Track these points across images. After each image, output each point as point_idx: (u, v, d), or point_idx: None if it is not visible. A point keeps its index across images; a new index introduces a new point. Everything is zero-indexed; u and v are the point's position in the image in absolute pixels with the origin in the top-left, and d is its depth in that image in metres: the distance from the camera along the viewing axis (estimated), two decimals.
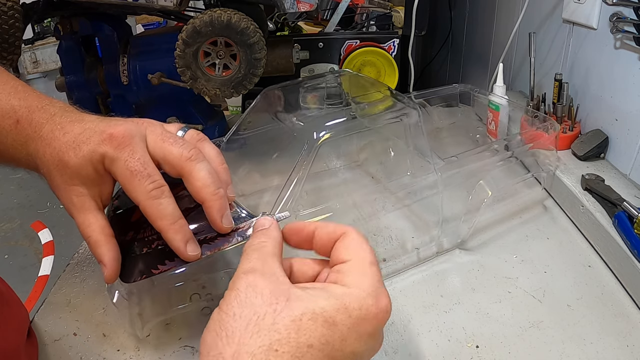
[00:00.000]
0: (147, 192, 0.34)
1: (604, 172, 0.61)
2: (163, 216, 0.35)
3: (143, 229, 0.39)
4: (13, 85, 0.38)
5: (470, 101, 0.75)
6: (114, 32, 0.76)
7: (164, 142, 0.37)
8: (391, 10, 1.37)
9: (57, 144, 0.35)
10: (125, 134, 0.35)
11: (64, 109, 0.38)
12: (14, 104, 0.37)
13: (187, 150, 0.36)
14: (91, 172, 0.35)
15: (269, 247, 0.32)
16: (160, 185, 0.35)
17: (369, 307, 0.28)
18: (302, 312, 0.27)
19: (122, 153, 0.34)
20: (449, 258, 0.54)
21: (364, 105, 0.53)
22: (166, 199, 0.35)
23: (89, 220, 0.36)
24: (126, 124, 0.36)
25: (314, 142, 0.44)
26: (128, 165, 0.34)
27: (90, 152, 0.35)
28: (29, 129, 0.36)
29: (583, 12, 0.68)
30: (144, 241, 0.38)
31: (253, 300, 0.27)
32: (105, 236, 0.36)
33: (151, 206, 0.34)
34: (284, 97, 0.58)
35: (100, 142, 0.35)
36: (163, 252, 0.37)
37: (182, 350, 0.43)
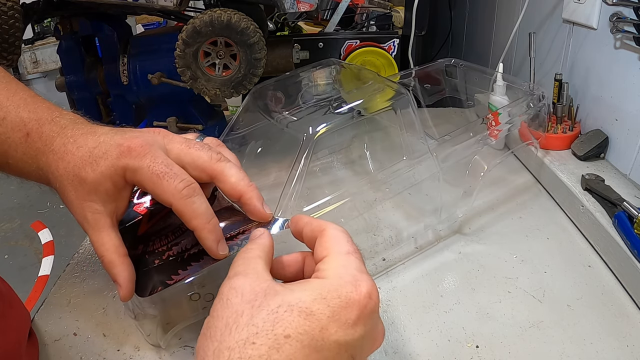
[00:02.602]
0: (178, 192, 0.34)
1: (604, 172, 0.61)
2: (197, 215, 0.35)
3: (152, 241, 0.40)
4: (22, 97, 0.37)
5: (456, 75, 0.75)
6: (114, 32, 0.76)
7: (190, 149, 0.37)
8: (391, 10, 1.37)
9: (72, 158, 0.35)
10: (144, 144, 0.35)
11: (74, 120, 0.38)
12: (24, 117, 0.36)
13: (215, 152, 0.37)
14: (110, 187, 0.35)
15: (255, 252, 0.32)
16: (190, 183, 0.35)
17: (348, 294, 0.28)
18: (279, 304, 0.27)
19: (144, 161, 0.34)
20: (449, 255, 0.54)
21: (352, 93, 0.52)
22: (198, 197, 0.35)
23: (102, 239, 0.36)
24: (142, 135, 0.36)
25: (311, 136, 0.44)
26: (153, 170, 0.34)
27: (109, 167, 0.34)
28: (39, 142, 0.36)
29: (583, 12, 0.68)
30: (155, 253, 0.38)
31: (233, 300, 0.28)
32: (120, 256, 0.36)
33: (185, 205, 0.34)
34: (276, 93, 0.58)
35: (118, 155, 0.34)
36: (175, 262, 0.37)
37: (182, 350, 0.43)
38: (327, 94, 0.57)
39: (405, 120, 0.50)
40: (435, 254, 0.54)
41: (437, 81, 0.77)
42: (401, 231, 0.55)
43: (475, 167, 0.53)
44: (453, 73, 0.75)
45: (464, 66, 0.73)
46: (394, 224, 0.57)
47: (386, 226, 0.57)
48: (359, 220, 0.55)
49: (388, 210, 0.55)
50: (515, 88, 0.68)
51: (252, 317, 0.26)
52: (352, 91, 0.53)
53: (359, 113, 0.48)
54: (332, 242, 0.32)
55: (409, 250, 0.54)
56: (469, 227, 0.58)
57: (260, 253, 0.32)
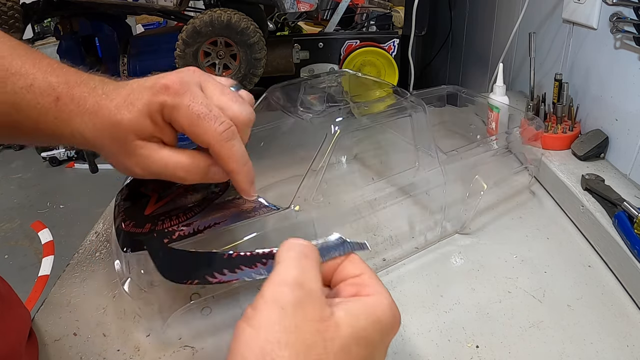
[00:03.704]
0: (219, 134, 0.33)
1: (604, 172, 0.61)
2: (235, 158, 0.35)
3: (160, 221, 0.40)
4: (48, 63, 0.37)
5: (458, 102, 0.75)
6: (114, 32, 0.76)
7: (223, 95, 0.36)
8: (391, 10, 1.37)
9: (106, 111, 0.34)
10: (182, 81, 0.34)
11: (103, 81, 0.37)
12: (52, 81, 0.35)
13: (247, 109, 0.36)
14: (149, 125, 0.34)
15: (313, 259, 0.30)
16: (230, 126, 0.34)
17: (393, 317, 0.29)
18: (350, 336, 0.26)
19: (183, 99, 0.33)
20: (449, 255, 0.54)
21: (364, 104, 0.53)
22: (237, 141, 0.35)
23: (167, 155, 0.35)
24: (178, 73, 0.35)
25: (333, 134, 0.45)
26: (193, 110, 0.33)
27: (145, 104, 0.33)
28: (71, 104, 0.35)
29: (583, 12, 0.68)
30: (164, 232, 0.39)
31: (302, 326, 0.26)
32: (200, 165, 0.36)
33: (223, 148, 0.34)
34: (287, 95, 0.59)
35: (155, 92, 0.33)
36: (212, 257, 0.34)
37: (182, 350, 0.43)
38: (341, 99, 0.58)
39: (418, 130, 0.51)
40: (435, 254, 0.54)
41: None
42: (402, 231, 0.55)
43: (475, 187, 0.55)
44: (454, 100, 0.76)
45: (465, 93, 0.74)
46: (394, 224, 0.57)
47: (386, 226, 0.57)
48: (360, 221, 0.55)
49: (389, 209, 0.55)
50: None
51: (326, 352, 0.26)
52: (362, 102, 0.54)
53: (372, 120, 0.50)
54: (362, 262, 0.33)
55: (409, 250, 0.54)
56: (469, 227, 0.58)
57: (316, 261, 0.31)
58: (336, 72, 0.66)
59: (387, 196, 0.51)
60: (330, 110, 0.54)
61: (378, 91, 0.56)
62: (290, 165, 0.56)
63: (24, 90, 0.34)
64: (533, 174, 0.66)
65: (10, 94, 0.34)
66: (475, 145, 0.56)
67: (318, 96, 0.59)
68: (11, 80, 0.34)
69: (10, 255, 2.20)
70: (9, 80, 0.34)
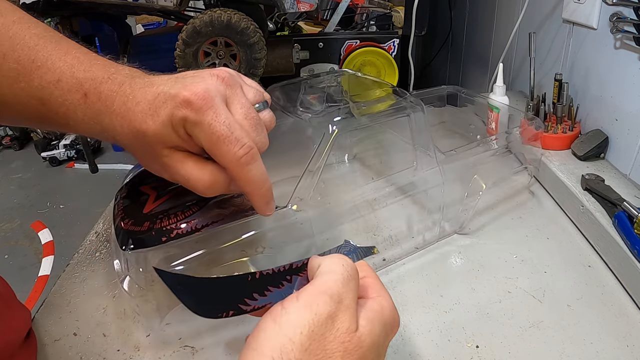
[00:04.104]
0: (237, 159, 0.33)
1: (604, 172, 0.61)
2: (252, 182, 0.34)
3: (159, 219, 0.40)
4: (75, 55, 0.35)
5: (458, 102, 0.75)
6: (114, 32, 0.76)
7: (247, 120, 0.34)
8: (391, 10, 1.37)
9: (132, 115, 0.33)
10: (206, 96, 0.32)
11: (131, 75, 0.35)
12: (79, 77, 0.34)
13: (264, 139, 0.36)
14: (174, 137, 0.33)
15: (357, 282, 0.31)
16: (249, 150, 0.33)
17: (395, 318, 0.31)
18: (368, 347, 0.28)
19: (205, 116, 0.32)
20: (449, 255, 0.54)
21: (363, 103, 0.53)
22: (255, 164, 0.34)
23: (191, 171, 0.34)
24: (204, 82, 0.33)
25: (331, 134, 0.45)
26: (214, 130, 0.32)
27: (168, 116, 0.33)
28: (98, 103, 0.34)
29: (583, 12, 0.68)
30: (163, 231, 0.39)
31: (328, 335, 0.27)
32: (220, 178, 0.35)
33: (241, 173, 0.34)
34: (287, 95, 0.59)
35: (178, 105, 0.32)
36: (236, 282, 0.32)
37: (182, 350, 0.43)
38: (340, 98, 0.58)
39: (417, 130, 0.51)
40: (435, 254, 0.54)
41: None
42: (401, 231, 0.55)
43: (474, 187, 0.55)
44: (454, 100, 0.76)
45: (465, 93, 0.74)
46: (394, 224, 0.57)
47: (386, 226, 0.57)
48: (358, 220, 0.55)
49: (388, 209, 0.56)
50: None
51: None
52: (361, 102, 0.54)
53: (371, 119, 0.50)
54: (364, 263, 0.34)
55: (409, 250, 0.54)
56: (469, 227, 0.58)
57: (356, 277, 0.32)
58: (336, 72, 0.66)
59: (386, 196, 0.51)
60: (329, 110, 0.54)
61: (377, 91, 0.56)
62: (289, 165, 0.56)
63: (51, 86, 0.34)
64: (533, 174, 0.66)
65: (38, 89, 0.34)
66: (474, 145, 0.56)
67: (317, 96, 0.59)
68: (37, 74, 0.34)
69: (10, 255, 2.20)
70: (35, 74, 0.34)
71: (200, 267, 0.40)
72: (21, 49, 0.33)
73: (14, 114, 0.36)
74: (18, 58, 0.33)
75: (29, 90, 0.34)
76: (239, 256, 0.42)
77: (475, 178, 0.55)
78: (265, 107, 0.38)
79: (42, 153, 3.15)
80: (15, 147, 3.43)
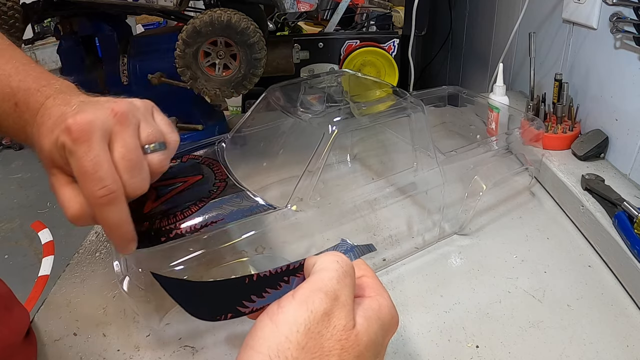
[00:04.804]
0: (95, 198, 0.33)
1: (604, 172, 0.61)
2: (108, 224, 0.34)
3: (158, 219, 0.40)
4: (14, 65, 0.37)
5: (458, 102, 0.76)
6: (114, 32, 0.76)
7: (124, 160, 0.34)
8: (391, 10, 1.37)
9: (40, 130, 0.34)
10: (85, 128, 0.32)
11: (60, 90, 0.36)
12: (13, 86, 0.36)
13: (139, 184, 0.35)
14: (58, 159, 0.34)
15: (353, 278, 0.31)
16: (109, 192, 0.33)
17: (393, 318, 0.31)
18: (365, 345, 0.28)
19: (78, 148, 0.32)
20: (449, 255, 0.54)
21: (363, 104, 0.53)
22: (113, 207, 0.33)
23: (65, 194, 0.34)
24: (93, 113, 0.33)
25: (330, 134, 0.45)
26: (81, 164, 0.32)
27: (54, 139, 0.33)
28: (26, 113, 0.36)
29: (583, 12, 0.68)
30: (162, 231, 0.39)
31: (325, 333, 0.27)
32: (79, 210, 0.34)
33: (97, 212, 0.33)
34: (287, 95, 0.59)
35: (62, 130, 0.33)
36: (233, 284, 0.32)
37: (182, 350, 0.43)
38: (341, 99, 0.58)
39: (417, 130, 0.51)
40: (435, 254, 0.54)
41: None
42: (401, 231, 0.55)
43: (474, 188, 0.55)
44: (455, 100, 0.76)
45: (466, 94, 0.74)
46: (394, 224, 0.57)
47: (386, 226, 0.57)
48: (358, 221, 0.55)
49: (388, 209, 0.56)
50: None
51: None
52: (361, 102, 0.54)
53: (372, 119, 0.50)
54: (362, 262, 0.35)
55: (409, 250, 0.54)
56: (469, 227, 0.58)
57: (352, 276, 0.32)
58: (336, 72, 0.66)
59: (386, 196, 0.51)
60: (329, 110, 0.54)
61: (378, 91, 0.56)
62: (289, 165, 0.56)
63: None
64: (533, 175, 0.66)
65: None
66: (474, 146, 0.56)
67: (318, 96, 0.59)
68: None
69: (10, 255, 2.19)
70: None
71: (199, 267, 0.40)
72: None
73: None
74: None
75: None
76: (239, 256, 0.42)
77: (476, 179, 0.55)
78: (160, 149, 0.37)
79: None
80: (15, 147, 3.43)
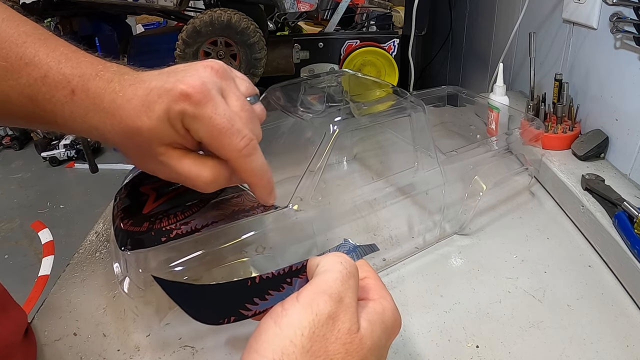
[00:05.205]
0: (238, 151, 0.33)
1: (604, 172, 0.61)
2: (254, 173, 0.34)
3: (159, 219, 0.40)
4: (63, 52, 0.35)
5: (458, 102, 0.76)
6: (114, 32, 0.76)
7: (243, 111, 0.34)
8: (391, 10, 1.37)
9: (124, 113, 0.32)
10: (204, 89, 0.32)
11: (119, 72, 0.35)
12: (67, 73, 0.33)
13: (259, 130, 0.36)
14: (171, 133, 0.33)
15: (357, 279, 0.31)
16: (250, 141, 0.33)
17: (396, 320, 0.31)
18: (369, 348, 0.28)
19: (205, 109, 0.31)
20: (449, 255, 0.54)
21: (363, 104, 0.53)
22: (256, 155, 0.34)
23: (189, 165, 0.34)
24: (199, 75, 0.33)
25: (332, 134, 0.45)
26: (214, 122, 0.32)
27: (165, 111, 0.32)
28: (86, 100, 0.33)
29: (583, 12, 0.68)
30: (162, 231, 0.39)
31: (329, 336, 0.27)
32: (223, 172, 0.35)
33: (243, 164, 0.33)
34: (287, 95, 0.59)
35: (175, 99, 0.31)
36: (236, 287, 0.32)
37: (182, 350, 0.43)
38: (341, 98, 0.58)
39: (417, 130, 0.51)
40: (435, 254, 0.54)
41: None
42: (402, 232, 0.55)
43: (475, 188, 0.55)
44: (455, 100, 0.76)
45: (466, 94, 0.74)
46: (394, 224, 0.57)
47: (386, 226, 0.57)
48: (359, 221, 0.55)
49: (388, 209, 0.56)
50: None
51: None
52: (362, 102, 0.54)
53: (372, 119, 0.50)
54: (365, 264, 0.35)
55: (409, 250, 0.54)
56: (469, 227, 0.58)
57: (356, 277, 0.32)
58: (336, 72, 0.66)
59: (386, 196, 0.51)
60: (330, 110, 0.54)
61: (378, 91, 0.56)
62: (289, 165, 0.56)
63: (38, 82, 0.33)
64: (533, 175, 0.66)
65: (25, 86, 0.33)
66: (475, 146, 0.56)
67: (318, 96, 0.59)
68: (25, 71, 0.33)
69: (10, 255, 2.20)
70: (24, 71, 0.33)
71: (200, 267, 0.40)
72: (9, 46, 0.33)
73: (3, 112, 0.35)
74: (6, 56, 0.33)
75: (18, 87, 0.33)
76: (239, 257, 0.42)
77: (476, 179, 0.55)
78: (256, 100, 0.38)
79: (42, 153, 3.15)
80: (15, 147, 3.44)
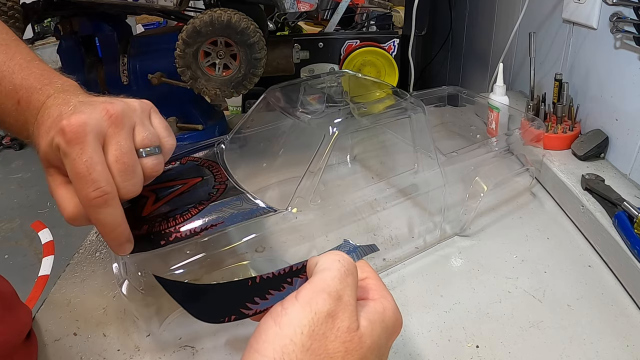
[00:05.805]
0: (89, 200, 0.33)
1: (604, 172, 0.61)
2: (102, 225, 0.34)
3: (158, 222, 0.40)
4: (18, 62, 0.37)
5: (458, 102, 0.75)
6: (114, 32, 0.76)
7: (118, 163, 0.34)
8: (391, 10, 1.37)
9: (39, 129, 0.35)
10: (79, 129, 0.32)
11: (61, 89, 0.36)
12: (16, 83, 0.36)
13: (132, 187, 0.35)
14: (54, 159, 0.34)
15: (355, 277, 0.31)
16: (103, 194, 0.33)
17: (397, 320, 0.31)
18: (369, 347, 0.28)
19: (72, 150, 0.32)
20: (449, 255, 0.54)
21: (363, 104, 0.53)
22: (107, 209, 0.33)
23: (61, 195, 0.35)
24: (88, 114, 0.33)
25: (331, 136, 0.45)
26: (74, 165, 0.32)
27: (50, 140, 0.33)
28: (27, 111, 0.36)
29: (583, 12, 0.68)
30: (161, 234, 0.38)
31: (329, 335, 0.27)
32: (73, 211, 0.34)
33: (93, 213, 0.33)
34: (287, 96, 0.59)
35: (56, 132, 0.33)
36: (237, 287, 0.32)
37: (182, 350, 0.43)
38: (340, 99, 0.58)
39: (417, 131, 0.51)
40: (435, 254, 0.54)
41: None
42: (402, 233, 0.55)
43: (475, 189, 0.55)
44: (455, 100, 0.76)
45: (466, 94, 0.74)
46: (394, 225, 0.57)
47: (386, 226, 0.57)
48: (359, 222, 0.55)
49: (389, 211, 0.56)
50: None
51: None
52: (362, 102, 0.54)
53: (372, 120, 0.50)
54: (366, 264, 0.35)
55: (409, 250, 0.54)
56: (469, 228, 0.58)
57: (355, 276, 0.32)
58: (336, 73, 0.66)
59: (387, 197, 0.51)
60: (329, 111, 0.54)
61: (378, 92, 0.56)
62: (289, 166, 0.56)
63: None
64: (534, 176, 0.66)
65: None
66: (475, 147, 0.56)
67: (317, 97, 0.59)
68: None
69: (10, 255, 2.19)
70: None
71: (200, 270, 0.40)
72: None
73: None
74: None
75: None
76: (239, 259, 0.42)
77: (477, 180, 0.55)
78: (155, 153, 0.37)
79: None
80: (15, 147, 3.43)
